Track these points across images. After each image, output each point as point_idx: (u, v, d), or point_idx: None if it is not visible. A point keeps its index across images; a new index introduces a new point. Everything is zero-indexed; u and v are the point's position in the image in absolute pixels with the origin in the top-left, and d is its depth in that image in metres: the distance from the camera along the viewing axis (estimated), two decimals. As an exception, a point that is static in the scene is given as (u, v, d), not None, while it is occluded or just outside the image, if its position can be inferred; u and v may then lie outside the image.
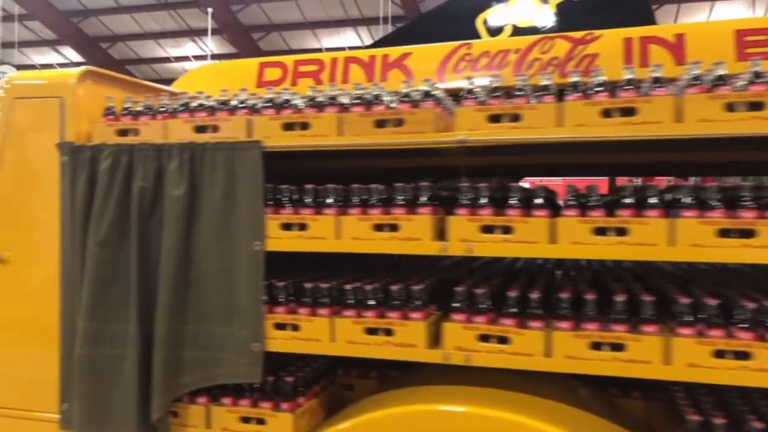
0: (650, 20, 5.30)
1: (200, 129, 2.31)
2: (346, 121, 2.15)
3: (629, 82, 1.93)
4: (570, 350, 1.94)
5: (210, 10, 20.85)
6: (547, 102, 1.99)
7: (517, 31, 6.45)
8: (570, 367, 1.95)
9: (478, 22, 6.75)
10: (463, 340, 2.04)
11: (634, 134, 1.88)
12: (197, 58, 24.85)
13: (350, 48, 23.26)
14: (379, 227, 2.12)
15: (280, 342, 2.22)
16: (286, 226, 2.21)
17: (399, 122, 2.10)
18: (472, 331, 2.04)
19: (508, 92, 2.08)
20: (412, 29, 6.72)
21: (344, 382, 2.73)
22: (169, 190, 2.25)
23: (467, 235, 2.03)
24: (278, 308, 2.25)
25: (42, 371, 2.47)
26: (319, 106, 2.23)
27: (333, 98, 2.22)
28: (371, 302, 2.19)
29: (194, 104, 2.37)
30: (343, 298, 2.24)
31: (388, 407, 2.10)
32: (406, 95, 2.14)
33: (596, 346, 1.93)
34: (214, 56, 23.88)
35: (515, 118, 2.00)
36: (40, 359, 2.47)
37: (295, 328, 2.21)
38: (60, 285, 2.41)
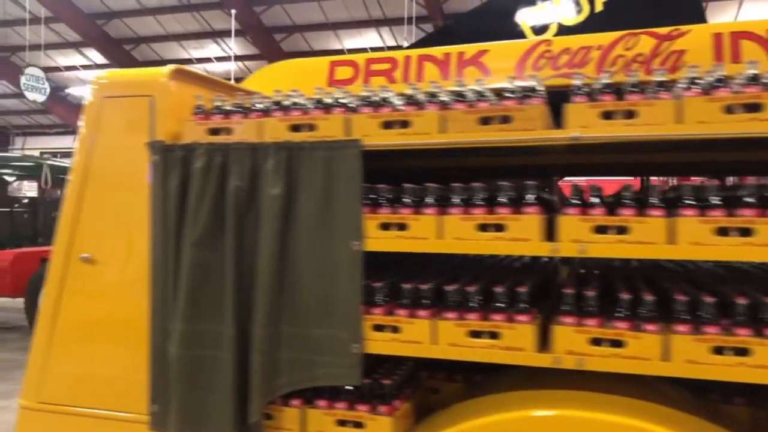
0: (701, 18, 5.20)
1: (296, 128, 2.28)
2: (450, 118, 2.10)
3: (754, 78, 1.87)
4: (690, 354, 1.88)
5: (233, 11, 20.94)
6: (664, 98, 1.93)
7: (562, 30, 6.37)
8: (690, 372, 1.89)
9: (522, 21, 6.67)
10: (574, 344, 1.99)
11: (762, 131, 1.81)
12: (219, 59, 24.99)
13: (372, 49, 23.24)
14: (483, 227, 2.08)
15: (379, 344, 2.18)
16: (385, 226, 2.17)
17: (506, 119, 2.05)
18: (584, 334, 1.98)
19: (619, 88, 2.02)
20: (453, 28, 6.67)
21: (429, 385, 2.69)
22: (266, 189, 2.22)
23: (579, 236, 1.97)
24: (375, 309, 2.21)
25: (130, 372, 2.45)
26: (418, 104, 2.19)
27: (433, 95, 2.17)
28: (473, 304, 2.14)
29: (288, 103, 2.34)
30: (443, 299, 2.19)
31: (495, 413, 2.05)
32: (512, 92, 2.09)
33: (718, 350, 1.87)
34: (237, 57, 23.99)
35: (630, 114, 1.95)
36: (128, 360, 2.45)
37: (395, 329, 2.17)
38: (149, 285, 2.39)
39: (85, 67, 26.96)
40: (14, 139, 34.34)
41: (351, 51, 23.76)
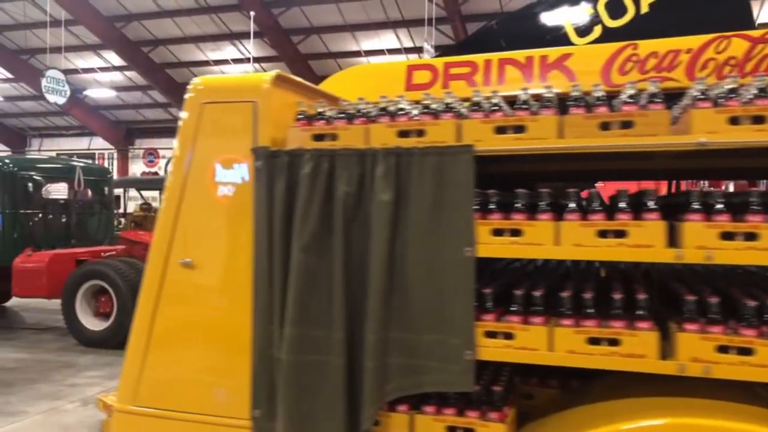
0: (749, 19, 5.16)
1: (404, 133, 2.27)
2: (568, 123, 2.09)
3: None
4: (825, 362, 1.86)
5: (252, 13, 21.01)
6: (794, 103, 1.91)
7: (607, 32, 6.34)
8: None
9: (567, 23, 6.64)
10: (700, 351, 1.97)
11: None
12: (236, 61, 25.07)
13: (389, 50, 23.24)
14: (602, 233, 2.06)
15: (491, 350, 2.17)
16: (498, 232, 2.16)
17: (627, 124, 2.03)
18: (710, 341, 1.96)
19: (738, 92, 2.00)
20: (494, 30, 6.66)
21: (522, 391, 2.68)
22: (375, 195, 2.22)
23: (705, 242, 1.95)
24: (486, 316, 2.20)
25: (231, 377, 2.45)
26: (530, 109, 2.18)
27: (549, 101, 2.16)
28: (590, 310, 2.13)
29: (395, 108, 2.33)
30: (557, 306, 2.18)
31: (613, 423, 2.03)
32: (632, 97, 2.07)
33: None
34: (254, 59, 24.05)
35: (758, 120, 1.92)
36: (229, 365, 2.45)
37: (509, 336, 2.15)
38: (252, 289, 2.39)
39: (102, 69, 27.12)
40: (31, 140, 34.60)
41: (368, 53, 23.74)
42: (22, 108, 31.58)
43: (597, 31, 6.45)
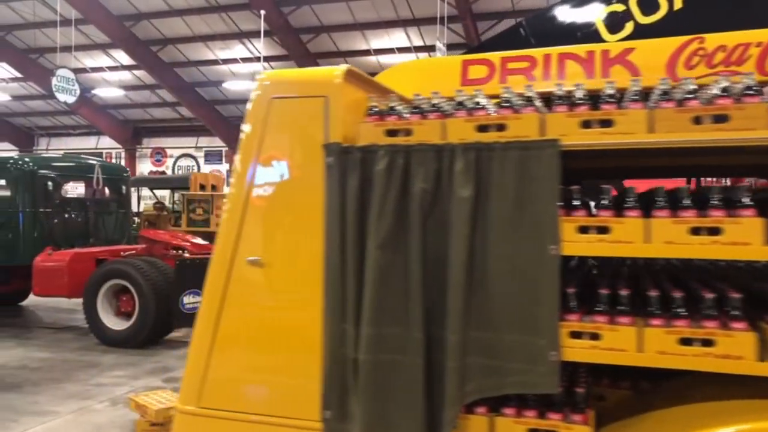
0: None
1: (483, 128, 2.21)
2: (659, 117, 2.03)
3: None
4: None
5: (263, 12, 20.96)
6: None
7: (639, 28, 6.27)
8: None
9: (598, 20, 6.57)
10: (801, 353, 1.91)
11: None
12: (245, 60, 25.04)
13: (399, 49, 23.18)
14: (695, 231, 2.00)
15: (576, 351, 2.11)
16: (583, 229, 2.10)
17: (721, 118, 1.97)
18: (812, 342, 1.91)
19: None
20: (525, 27, 6.60)
21: (594, 392, 2.61)
22: (454, 191, 2.16)
23: (807, 239, 1.90)
24: (570, 316, 2.14)
25: (300, 377, 2.39)
26: (618, 102, 2.12)
27: (637, 94, 2.10)
28: (680, 311, 2.07)
29: (472, 103, 2.27)
30: (645, 305, 2.12)
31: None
32: (725, 90, 2.01)
33: None
34: (264, 58, 24.00)
35: None
36: (299, 364, 2.40)
37: (595, 336, 2.10)
38: (324, 287, 2.33)
39: (111, 68, 27.13)
40: (38, 139, 34.64)
41: (377, 51, 23.68)
42: (29, 107, 31.61)
43: (629, 27, 6.37)
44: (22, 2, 22.81)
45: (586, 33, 6.73)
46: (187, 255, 8.73)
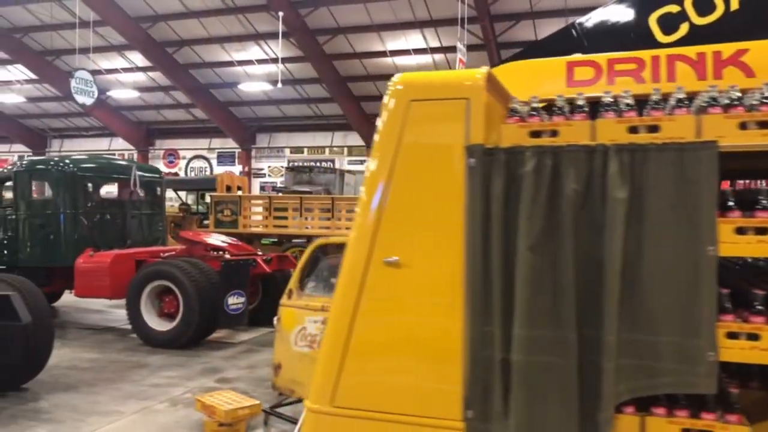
0: None
1: (634, 129, 2.23)
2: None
3: None
4: None
5: (281, 13, 21.01)
6: None
7: (694, 30, 6.27)
8: None
9: (651, 21, 6.58)
10: None
11: None
12: (260, 61, 25.09)
13: (415, 50, 23.20)
14: None
15: (735, 352, 2.12)
16: (741, 231, 2.11)
17: None
18: None
19: None
20: (575, 30, 6.62)
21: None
22: (609, 192, 2.17)
23: None
24: (725, 316, 2.16)
25: (440, 377, 2.41)
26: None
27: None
28: (842, 310, 2.08)
29: (622, 104, 2.29)
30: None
31: None
32: None
33: None
34: (279, 60, 24.04)
35: None
36: (438, 365, 2.41)
37: (753, 337, 2.11)
38: (465, 288, 2.35)
39: (126, 70, 27.20)
40: (51, 141, 34.75)
41: (393, 53, 23.71)
42: (43, 109, 31.71)
43: (684, 28, 6.38)
44: (40, 4, 22.91)
45: (639, 34, 6.74)
46: (227, 256, 8.75)
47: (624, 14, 6.94)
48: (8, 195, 9.43)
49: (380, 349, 2.49)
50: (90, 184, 9.09)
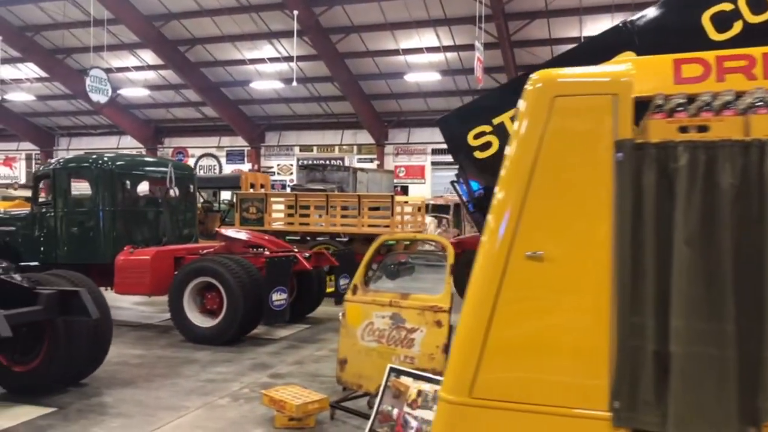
0: None
1: (788, 124, 2.28)
2: None
3: None
4: None
5: (296, 12, 21.04)
6: None
7: (748, 28, 6.33)
8: None
9: (705, 19, 6.64)
10: None
11: None
12: (272, 60, 25.13)
13: (428, 49, 23.26)
14: None
15: None
16: None
17: None
18: None
19: None
20: (627, 29, 6.67)
21: None
22: (767, 186, 2.23)
23: None
24: None
25: (585, 369, 2.46)
26: None
27: None
28: None
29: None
30: None
31: None
32: None
33: None
34: (290, 58, 24.07)
35: None
36: (583, 357, 2.46)
37: None
38: (614, 281, 2.40)
39: (136, 68, 27.22)
40: (59, 139, 34.73)
41: (406, 51, 23.78)
42: (52, 107, 31.72)
43: (737, 26, 6.44)
44: (53, 2, 22.92)
45: (692, 32, 6.80)
46: (267, 253, 8.80)
47: (676, 12, 6.98)
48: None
49: (522, 342, 2.54)
50: (128, 182, 9.12)
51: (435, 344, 4.78)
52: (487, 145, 7.03)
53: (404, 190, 27.18)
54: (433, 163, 27.71)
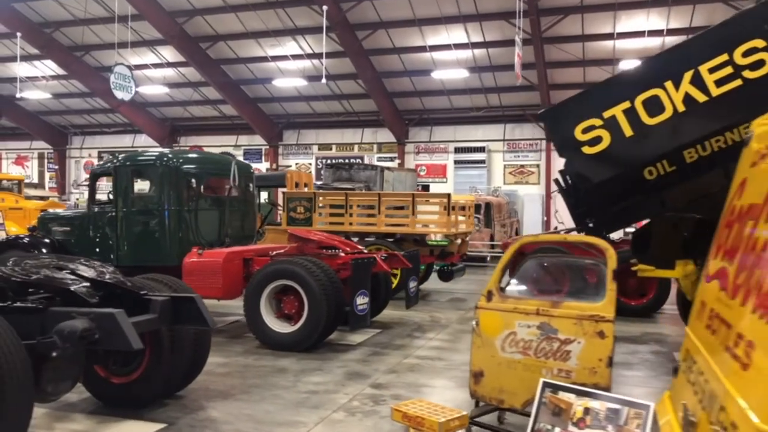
0: None
1: None
2: None
3: None
4: None
5: (325, 8, 20.62)
6: None
7: None
8: None
9: (839, 5, 6.22)
10: None
11: None
12: (295, 57, 24.68)
13: (456, 45, 22.84)
14: None
15: None
16: None
17: None
18: None
19: None
20: (756, 12, 6.27)
21: None
22: None
23: None
24: None
25: None
26: None
27: None
28: None
29: None
30: None
31: None
32: None
33: None
34: (316, 56, 23.64)
35: None
36: None
37: None
38: None
39: (155, 65, 26.76)
40: (72, 138, 34.23)
41: (432, 48, 23.35)
42: (66, 105, 31.21)
43: None
44: (74, -2, 22.46)
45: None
46: (341, 254, 8.39)
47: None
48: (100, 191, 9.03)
49: None
50: (193, 180, 8.70)
51: (597, 357, 4.38)
52: (596, 140, 6.64)
53: (425, 189, 26.77)
54: (456, 162, 27.30)
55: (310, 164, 29.87)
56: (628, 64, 21.77)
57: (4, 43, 26.08)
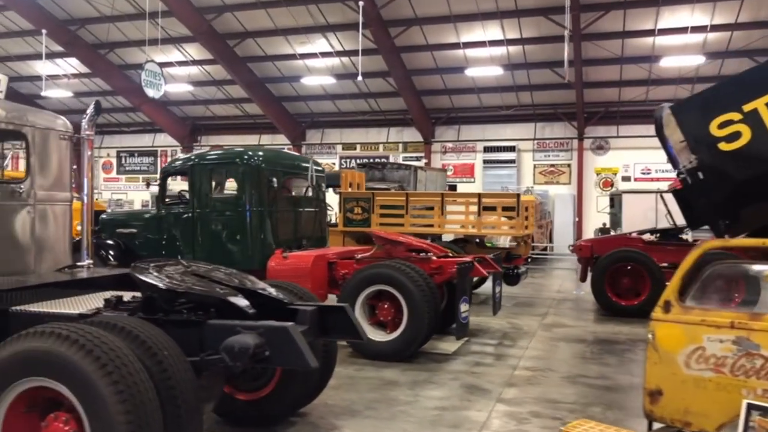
0: None
1: None
2: None
3: None
4: None
5: (361, 3, 20.14)
6: None
7: None
8: None
9: None
10: None
11: None
12: (324, 54, 24.21)
13: (490, 42, 22.34)
14: None
15: None
16: None
17: None
18: None
19: None
20: None
21: None
22: None
23: None
24: None
25: None
26: None
27: None
28: None
29: None
30: None
31: None
32: None
33: None
34: (346, 53, 23.18)
35: None
36: None
37: None
38: None
39: (180, 63, 26.28)
40: (90, 138, 33.72)
41: (466, 45, 22.86)
42: (87, 104, 30.62)
43: None
44: (101, -6, 21.99)
45: None
46: (434, 258, 7.92)
47: None
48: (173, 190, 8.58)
49: None
50: (274, 179, 8.21)
51: (814, 374, 3.91)
52: (735, 135, 6.16)
53: (452, 189, 26.31)
54: (485, 161, 26.82)
55: (334, 164, 29.38)
56: (668, 61, 21.32)
57: (28, 41, 25.63)
